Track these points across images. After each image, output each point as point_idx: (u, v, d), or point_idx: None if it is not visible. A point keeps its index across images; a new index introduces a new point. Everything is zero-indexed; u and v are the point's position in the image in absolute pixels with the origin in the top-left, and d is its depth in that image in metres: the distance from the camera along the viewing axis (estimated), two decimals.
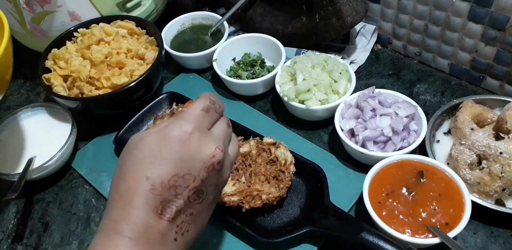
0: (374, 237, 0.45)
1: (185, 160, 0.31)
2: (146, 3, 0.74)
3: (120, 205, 0.30)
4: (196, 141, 0.32)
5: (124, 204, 0.30)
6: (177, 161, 0.31)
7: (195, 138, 0.32)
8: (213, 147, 0.32)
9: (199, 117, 0.33)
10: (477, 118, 0.56)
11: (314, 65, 0.62)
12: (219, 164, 0.33)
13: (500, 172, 0.49)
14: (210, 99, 0.35)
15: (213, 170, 0.32)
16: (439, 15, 0.62)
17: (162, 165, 0.31)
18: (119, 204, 0.31)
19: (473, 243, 0.50)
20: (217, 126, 0.35)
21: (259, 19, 0.75)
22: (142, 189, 0.30)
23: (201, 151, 0.32)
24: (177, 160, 0.31)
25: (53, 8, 0.67)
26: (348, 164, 0.58)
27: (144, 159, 0.31)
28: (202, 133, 0.32)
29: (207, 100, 0.35)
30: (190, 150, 0.31)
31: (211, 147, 0.32)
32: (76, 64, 0.63)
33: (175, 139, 0.31)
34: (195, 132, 0.32)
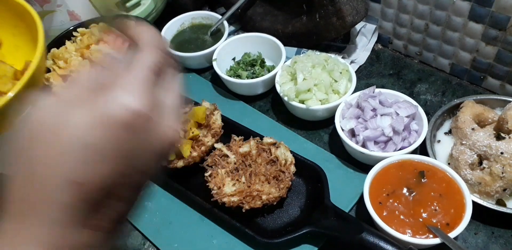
0: (375, 238, 0.45)
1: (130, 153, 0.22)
2: (145, 3, 0.74)
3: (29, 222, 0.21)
4: (146, 125, 0.23)
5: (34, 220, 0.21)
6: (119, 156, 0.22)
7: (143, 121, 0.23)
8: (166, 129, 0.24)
9: (147, 83, 0.23)
10: (478, 118, 0.56)
11: (314, 65, 0.61)
12: (171, 146, 0.24)
13: (501, 172, 0.49)
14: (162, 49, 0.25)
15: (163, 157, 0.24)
16: (440, 14, 0.62)
17: (96, 162, 0.21)
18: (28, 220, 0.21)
19: (474, 243, 0.50)
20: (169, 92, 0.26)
21: (259, 18, 0.75)
22: (67, 201, 0.21)
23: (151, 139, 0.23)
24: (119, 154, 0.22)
25: (52, 8, 0.67)
26: (348, 164, 0.58)
27: (67, 152, 0.21)
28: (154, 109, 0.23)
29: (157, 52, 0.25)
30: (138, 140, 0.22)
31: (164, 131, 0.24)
32: (75, 64, 0.63)
33: (116, 123, 0.22)
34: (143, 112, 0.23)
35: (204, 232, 0.54)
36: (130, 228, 0.56)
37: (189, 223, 0.55)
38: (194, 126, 0.59)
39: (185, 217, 0.55)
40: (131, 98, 0.22)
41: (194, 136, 0.57)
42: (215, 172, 0.53)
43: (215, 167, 0.54)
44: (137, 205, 0.25)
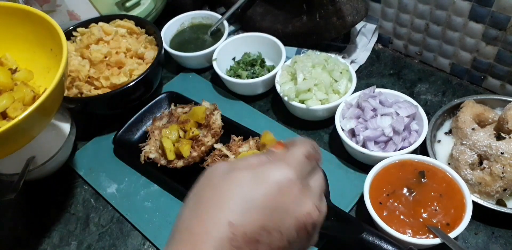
0: (375, 238, 0.45)
1: (278, 211, 0.26)
2: (145, 2, 0.74)
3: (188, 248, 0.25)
4: (296, 192, 0.26)
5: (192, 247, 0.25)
6: (269, 211, 0.26)
7: (295, 188, 0.26)
8: (310, 203, 0.27)
9: (302, 164, 0.28)
10: (478, 118, 0.56)
11: (314, 65, 0.61)
12: (313, 226, 0.27)
13: (501, 172, 0.49)
14: (313, 145, 0.30)
15: (304, 230, 0.27)
16: (440, 14, 0.62)
17: (251, 211, 0.25)
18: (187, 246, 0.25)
19: (474, 243, 0.50)
20: (315, 179, 0.30)
21: (259, 18, 0.75)
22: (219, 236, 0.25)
23: (298, 205, 0.26)
24: (270, 209, 0.26)
25: (52, 8, 0.66)
26: (348, 164, 0.58)
27: (231, 198, 0.26)
28: (304, 184, 0.27)
29: (310, 145, 0.30)
30: (287, 201, 0.26)
31: (308, 203, 0.27)
32: (75, 63, 0.63)
33: (274, 183, 0.26)
34: (297, 181, 0.27)
35: None
36: (130, 228, 0.56)
37: None
38: (194, 125, 0.59)
39: None
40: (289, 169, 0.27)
41: (194, 136, 0.57)
42: None
43: None
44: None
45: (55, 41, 0.47)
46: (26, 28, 0.51)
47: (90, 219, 0.58)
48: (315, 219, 0.27)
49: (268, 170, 0.27)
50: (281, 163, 0.27)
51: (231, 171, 0.27)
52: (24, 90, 0.48)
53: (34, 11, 0.49)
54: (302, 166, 0.28)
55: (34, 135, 0.46)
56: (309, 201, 0.27)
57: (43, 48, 0.52)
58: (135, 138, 0.64)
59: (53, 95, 0.42)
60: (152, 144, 0.59)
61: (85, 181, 0.62)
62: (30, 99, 0.49)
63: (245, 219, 0.25)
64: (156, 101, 0.66)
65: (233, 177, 0.27)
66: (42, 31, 0.49)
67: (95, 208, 0.59)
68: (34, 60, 0.53)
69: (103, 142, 0.66)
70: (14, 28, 0.52)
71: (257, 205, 0.25)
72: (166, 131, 0.57)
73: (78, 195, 0.61)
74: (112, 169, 0.62)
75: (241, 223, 0.25)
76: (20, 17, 0.50)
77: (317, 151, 0.30)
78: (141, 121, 0.65)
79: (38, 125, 0.45)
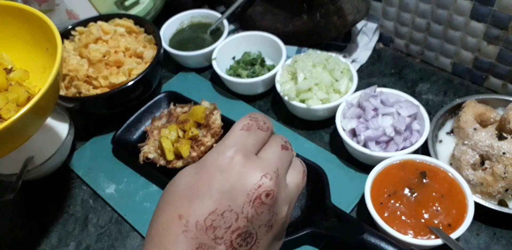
0: (376, 239, 0.45)
1: (225, 192, 0.25)
2: (144, 1, 0.73)
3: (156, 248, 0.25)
4: (238, 167, 0.26)
5: (158, 246, 0.25)
6: (215, 194, 0.25)
7: (236, 164, 0.26)
8: (259, 174, 0.26)
9: (240, 138, 0.27)
10: (480, 118, 0.55)
11: (315, 64, 0.61)
12: (269, 196, 0.26)
13: (503, 172, 0.48)
14: (250, 116, 0.30)
15: (261, 204, 0.25)
16: (442, 13, 0.62)
17: (198, 199, 0.25)
18: (155, 247, 0.25)
19: (476, 244, 0.50)
20: (267, 149, 0.28)
21: (259, 17, 0.75)
22: (174, 231, 0.25)
23: (244, 179, 0.25)
24: (215, 192, 0.25)
25: (50, 7, 0.66)
26: (349, 164, 0.57)
27: (178, 193, 0.26)
28: (246, 157, 0.26)
29: (247, 118, 0.29)
30: (231, 180, 0.25)
31: (256, 175, 0.26)
32: (73, 63, 0.62)
33: (213, 167, 0.26)
34: (235, 156, 0.26)
35: None
36: (129, 228, 0.56)
37: None
38: (194, 125, 0.58)
39: None
40: (227, 148, 0.26)
41: (194, 136, 0.57)
42: None
43: None
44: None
45: (50, 40, 0.47)
46: (21, 27, 0.51)
47: (89, 220, 0.57)
48: (269, 188, 0.26)
49: (206, 157, 0.27)
50: (217, 146, 0.27)
51: (182, 171, 0.28)
52: (18, 91, 0.48)
53: (29, 10, 0.48)
54: (241, 139, 0.27)
55: (30, 134, 0.46)
56: (256, 172, 0.26)
57: (39, 48, 0.51)
58: (134, 137, 0.64)
59: (47, 95, 0.42)
60: (151, 144, 0.59)
61: (83, 181, 0.61)
62: (25, 100, 0.48)
63: (193, 208, 0.25)
64: (155, 101, 0.66)
65: (180, 174, 0.27)
66: (38, 31, 0.49)
67: (93, 208, 0.59)
68: (30, 59, 0.53)
69: (102, 142, 0.65)
70: (9, 27, 0.51)
71: (202, 192, 0.25)
72: (165, 131, 0.57)
73: (77, 195, 0.60)
74: (111, 169, 0.62)
75: (190, 213, 0.25)
76: (15, 15, 0.50)
77: (258, 119, 0.29)
78: (140, 121, 0.65)
79: (33, 124, 0.45)
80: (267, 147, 0.29)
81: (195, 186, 0.26)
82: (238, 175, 0.25)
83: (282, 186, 0.27)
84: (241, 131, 0.28)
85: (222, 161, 0.26)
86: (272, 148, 0.29)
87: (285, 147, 0.29)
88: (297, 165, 0.30)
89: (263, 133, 0.29)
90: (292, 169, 0.29)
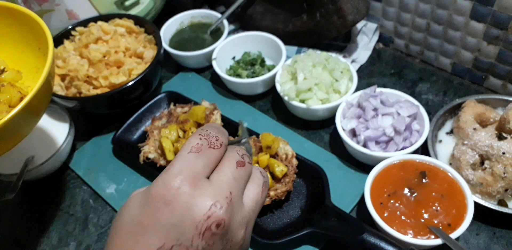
0: (376, 239, 0.45)
1: (172, 226, 0.23)
2: (144, 1, 0.73)
3: None
4: (185, 198, 0.24)
5: None
6: (162, 229, 0.23)
7: (183, 194, 0.24)
8: (208, 203, 0.24)
9: (187, 163, 0.25)
10: (480, 118, 0.56)
11: (315, 64, 0.61)
12: (219, 226, 0.24)
13: (503, 172, 0.49)
14: (201, 134, 0.26)
15: (212, 235, 0.24)
16: (442, 13, 0.62)
17: (144, 234, 0.23)
18: None
19: (476, 244, 0.50)
20: (220, 169, 0.26)
21: (259, 17, 0.75)
22: None
23: (192, 211, 0.23)
24: (162, 227, 0.23)
25: (51, 7, 0.66)
26: (349, 164, 0.57)
27: (123, 228, 0.24)
28: (193, 185, 0.24)
29: (196, 138, 0.26)
30: (177, 212, 0.23)
31: (205, 204, 0.24)
32: (74, 63, 0.62)
33: (157, 199, 0.24)
34: (182, 186, 0.24)
35: None
36: None
37: None
38: (194, 125, 0.58)
39: None
40: (167, 176, 0.24)
41: None
42: None
43: None
44: None
45: (42, 40, 0.47)
46: (11, 27, 0.51)
47: (89, 220, 0.57)
48: (219, 218, 0.24)
49: (152, 185, 0.24)
50: (165, 171, 0.25)
51: (129, 199, 0.26)
52: (10, 92, 0.48)
53: (19, 9, 0.48)
54: (189, 165, 0.25)
55: (24, 134, 0.46)
56: (206, 201, 0.24)
57: (31, 47, 0.51)
58: (134, 137, 0.64)
59: (40, 95, 0.42)
60: (151, 144, 0.59)
61: (83, 181, 0.62)
62: (17, 101, 0.48)
63: (140, 244, 0.23)
64: (155, 101, 0.66)
65: (126, 205, 0.25)
66: (28, 30, 0.49)
67: (94, 208, 0.59)
68: (22, 59, 0.53)
69: (102, 142, 0.65)
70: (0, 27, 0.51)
71: (148, 227, 0.23)
72: (166, 131, 0.57)
73: (77, 195, 0.60)
74: (111, 169, 0.62)
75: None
76: (4, 15, 0.50)
77: (210, 135, 0.26)
78: (140, 121, 0.65)
79: (26, 125, 0.45)
80: (220, 166, 0.26)
81: (141, 220, 0.24)
82: (186, 206, 0.23)
83: (236, 210, 0.25)
84: (189, 154, 0.25)
85: (167, 192, 0.24)
86: (225, 168, 0.26)
87: (241, 163, 0.27)
88: (256, 177, 0.28)
89: (215, 152, 0.26)
90: (250, 184, 0.27)
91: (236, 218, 0.25)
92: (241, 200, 0.26)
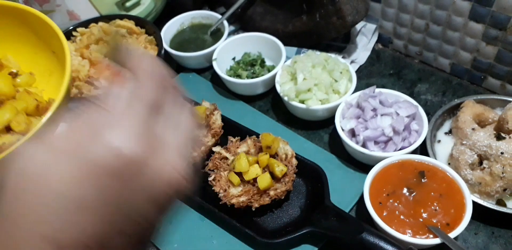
0: (375, 238, 0.45)
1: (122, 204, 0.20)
2: (145, 2, 0.73)
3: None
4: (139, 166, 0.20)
5: None
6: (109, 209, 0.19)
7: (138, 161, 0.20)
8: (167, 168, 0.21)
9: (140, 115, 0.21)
10: (478, 118, 0.56)
11: (314, 65, 0.61)
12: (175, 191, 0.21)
13: (501, 172, 0.49)
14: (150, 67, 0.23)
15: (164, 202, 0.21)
16: (440, 14, 0.62)
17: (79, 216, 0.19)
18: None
19: (474, 243, 0.50)
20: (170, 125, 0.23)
21: (259, 18, 0.75)
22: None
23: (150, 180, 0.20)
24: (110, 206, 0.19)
25: (52, 8, 0.66)
26: (348, 164, 0.58)
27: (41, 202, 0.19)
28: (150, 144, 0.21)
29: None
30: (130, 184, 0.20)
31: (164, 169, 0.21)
32: (75, 64, 0.62)
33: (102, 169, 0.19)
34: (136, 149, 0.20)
35: (204, 232, 0.54)
36: None
37: (189, 223, 0.55)
38: None
39: (185, 217, 0.55)
40: (124, 143, 0.20)
41: None
42: (218, 175, 0.53)
43: (217, 170, 0.54)
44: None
45: (56, 43, 0.47)
46: (25, 28, 0.51)
47: None
48: (174, 183, 0.21)
49: (95, 151, 0.19)
50: (112, 133, 0.20)
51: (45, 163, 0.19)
52: (26, 99, 0.48)
53: (33, 12, 0.48)
54: (145, 125, 0.21)
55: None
56: (163, 170, 0.20)
57: (44, 50, 0.51)
58: None
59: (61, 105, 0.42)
60: None
61: None
62: (34, 108, 0.48)
63: (70, 227, 0.18)
64: None
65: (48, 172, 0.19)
66: (43, 32, 0.49)
67: None
68: (35, 62, 0.53)
69: None
70: (13, 28, 0.51)
71: (82, 206, 0.19)
72: None
73: None
74: None
75: (65, 235, 0.18)
76: (18, 17, 0.50)
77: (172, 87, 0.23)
78: None
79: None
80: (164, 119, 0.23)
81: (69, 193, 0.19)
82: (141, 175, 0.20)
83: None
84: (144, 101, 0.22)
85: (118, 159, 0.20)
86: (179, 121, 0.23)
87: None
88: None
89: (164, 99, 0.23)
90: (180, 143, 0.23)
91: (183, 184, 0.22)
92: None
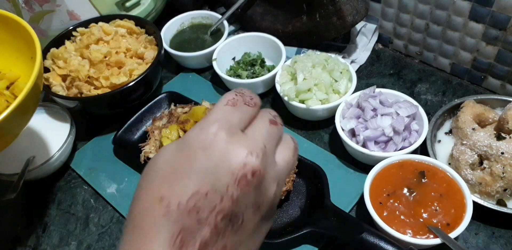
0: (375, 238, 0.45)
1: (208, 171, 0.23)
2: (145, 2, 0.74)
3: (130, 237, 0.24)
4: (222, 144, 0.23)
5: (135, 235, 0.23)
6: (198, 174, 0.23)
7: (220, 140, 0.23)
8: (244, 152, 0.23)
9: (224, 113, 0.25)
10: (479, 118, 0.56)
11: (314, 65, 0.61)
12: (255, 175, 0.23)
13: (502, 172, 0.49)
14: (236, 92, 0.27)
15: (246, 184, 0.23)
16: (440, 14, 0.62)
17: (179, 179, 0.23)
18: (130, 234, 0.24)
19: (475, 243, 0.50)
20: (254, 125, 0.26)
21: (259, 18, 0.75)
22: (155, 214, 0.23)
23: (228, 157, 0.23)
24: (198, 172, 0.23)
25: (52, 8, 0.66)
26: (348, 164, 0.58)
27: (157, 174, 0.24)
28: (230, 133, 0.24)
29: (232, 93, 0.27)
30: (214, 157, 0.23)
31: (241, 152, 0.23)
32: (75, 63, 0.62)
33: (195, 144, 0.23)
34: (219, 132, 0.24)
35: None
36: None
37: None
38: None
39: None
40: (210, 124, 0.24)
41: None
42: None
43: None
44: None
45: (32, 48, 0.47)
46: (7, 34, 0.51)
47: (90, 219, 0.58)
48: (255, 166, 0.23)
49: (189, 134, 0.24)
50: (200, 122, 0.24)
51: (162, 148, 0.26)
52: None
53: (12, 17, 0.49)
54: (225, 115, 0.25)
55: (16, 132, 0.47)
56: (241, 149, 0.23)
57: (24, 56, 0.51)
58: (135, 138, 0.64)
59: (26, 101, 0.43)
60: (152, 144, 0.59)
61: (84, 181, 0.62)
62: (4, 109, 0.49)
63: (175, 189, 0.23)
64: (156, 101, 0.66)
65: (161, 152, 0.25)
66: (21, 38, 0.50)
67: (94, 208, 0.59)
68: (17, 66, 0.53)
69: (103, 142, 0.65)
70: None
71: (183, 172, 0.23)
72: (166, 131, 0.57)
73: (78, 195, 0.61)
74: (112, 169, 0.62)
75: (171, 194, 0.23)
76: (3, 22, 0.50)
77: (245, 94, 0.27)
78: (141, 121, 0.65)
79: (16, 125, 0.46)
80: (254, 123, 0.26)
81: (176, 165, 0.24)
82: (222, 152, 0.23)
83: (270, 164, 0.25)
84: (225, 106, 0.25)
85: (204, 137, 0.23)
86: (259, 123, 0.26)
87: (274, 122, 0.27)
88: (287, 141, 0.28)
89: (249, 109, 0.26)
90: (282, 145, 0.27)
91: (269, 172, 0.25)
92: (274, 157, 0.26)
